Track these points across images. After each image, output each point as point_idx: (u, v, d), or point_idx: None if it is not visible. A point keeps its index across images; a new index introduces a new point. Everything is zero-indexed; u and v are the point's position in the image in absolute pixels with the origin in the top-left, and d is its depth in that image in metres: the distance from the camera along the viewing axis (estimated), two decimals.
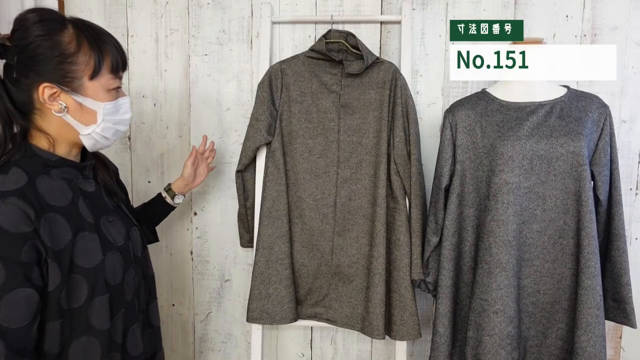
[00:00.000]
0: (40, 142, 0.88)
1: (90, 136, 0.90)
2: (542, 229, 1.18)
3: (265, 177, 1.47)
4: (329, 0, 1.55)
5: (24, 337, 0.76)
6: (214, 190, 1.63)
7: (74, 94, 0.85)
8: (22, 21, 0.83)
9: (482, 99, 1.27)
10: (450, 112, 1.28)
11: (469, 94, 1.53)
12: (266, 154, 1.48)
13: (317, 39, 1.52)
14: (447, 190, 1.29)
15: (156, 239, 1.41)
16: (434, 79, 1.55)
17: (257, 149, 1.46)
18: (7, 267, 0.75)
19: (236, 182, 1.52)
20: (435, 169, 1.32)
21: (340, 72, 1.47)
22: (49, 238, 0.79)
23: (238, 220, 1.58)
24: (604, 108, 1.21)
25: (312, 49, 1.47)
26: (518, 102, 1.22)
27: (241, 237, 1.59)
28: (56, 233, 0.81)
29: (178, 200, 1.37)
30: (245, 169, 1.50)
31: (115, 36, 0.93)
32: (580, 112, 1.19)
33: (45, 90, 0.83)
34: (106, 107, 0.89)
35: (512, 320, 1.16)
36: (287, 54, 1.56)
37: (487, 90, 1.29)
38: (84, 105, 0.87)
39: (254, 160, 1.49)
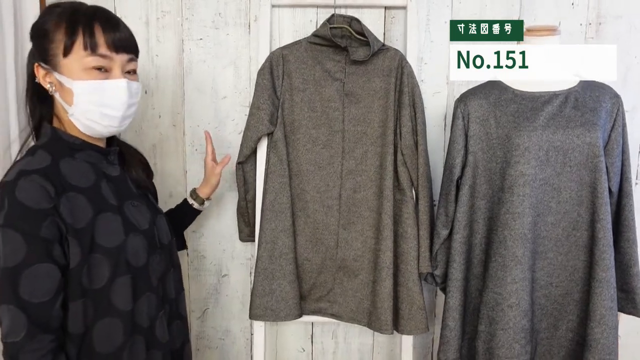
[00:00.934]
0: (63, 126, 0.91)
1: (75, 117, 0.89)
2: (557, 221, 1.16)
3: (267, 169, 1.40)
4: None
5: (46, 313, 0.78)
6: None
7: (55, 72, 0.87)
8: None
9: (494, 87, 1.23)
10: (462, 101, 1.25)
11: (474, 82, 1.51)
12: (268, 145, 1.41)
13: (318, 24, 1.45)
14: (458, 181, 1.26)
15: (184, 246, 1.37)
16: (439, 67, 1.51)
17: (259, 139, 1.40)
18: (27, 241, 0.77)
19: (236, 174, 1.45)
20: (446, 160, 1.28)
21: (344, 59, 1.41)
22: (69, 215, 0.81)
23: (237, 214, 1.51)
24: (616, 98, 1.20)
25: (315, 35, 1.40)
26: (532, 92, 1.19)
27: (240, 231, 1.52)
28: (77, 211, 0.82)
29: (207, 204, 1.35)
30: (246, 161, 1.43)
31: None
32: (594, 102, 1.17)
33: (39, 70, 0.88)
34: (79, 86, 0.86)
35: (527, 314, 1.15)
36: (287, 39, 1.49)
37: (498, 78, 1.26)
38: (62, 84, 0.87)
39: (254, 151, 1.42)
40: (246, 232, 1.51)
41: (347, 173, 1.42)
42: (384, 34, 1.50)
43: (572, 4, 1.48)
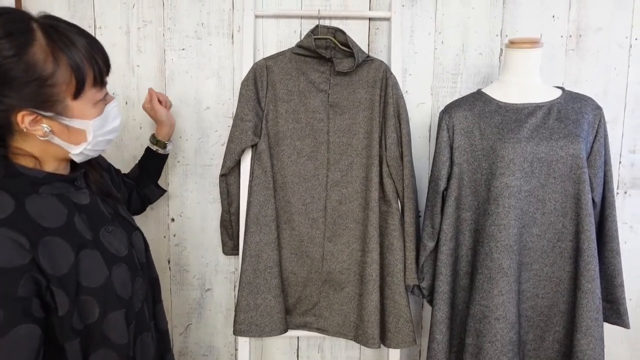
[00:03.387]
0: (24, 160, 0.78)
1: (82, 153, 0.82)
2: (542, 232, 1.16)
3: (251, 181, 1.38)
4: None
5: None
6: (193, 194, 1.52)
7: (58, 117, 0.75)
8: None
9: (479, 99, 1.24)
10: (447, 113, 1.24)
11: (458, 93, 1.51)
12: (252, 157, 1.39)
13: (303, 35, 1.45)
14: (444, 193, 1.25)
15: (163, 191, 1.39)
16: (423, 78, 1.51)
17: (243, 151, 1.37)
18: (4, 306, 0.68)
19: (220, 187, 1.42)
20: (432, 171, 1.28)
21: (329, 70, 1.40)
22: (49, 265, 0.72)
23: (221, 227, 1.48)
24: (598, 110, 1.21)
25: (299, 45, 1.39)
26: (516, 104, 1.20)
27: (224, 245, 1.49)
28: (56, 257, 0.74)
29: (170, 147, 1.36)
30: (229, 173, 1.40)
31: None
32: (576, 113, 1.18)
33: (24, 118, 0.73)
34: (95, 124, 0.80)
35: (514, 326, 1.14)
36: (271, 50, 1.48)
37: (483, 90, 1.26)
38: (71, 126, 0.77)
39: (238, 163, 1.40)
40: (230, 246, 1.48)
41: (333, 185, 1.40)
42: (369, 45, 1.49)
43: (553, 16, 1.50)
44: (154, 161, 1.34)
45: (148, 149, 1.34)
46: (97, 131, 0.80)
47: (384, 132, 1.38)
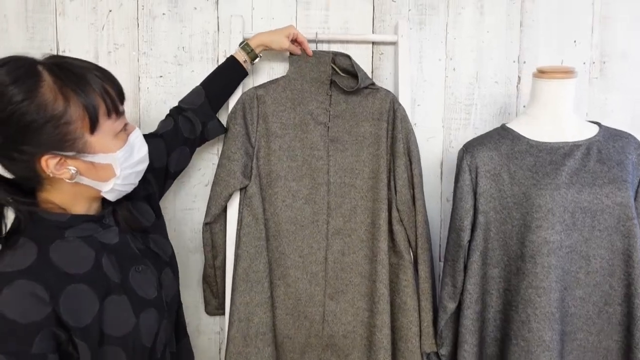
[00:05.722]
0: (50, 206, 0.76)
1: (113, 189, 0.79)
2: (586, 295, 0.99)
3: (239, 230, 1.18)
4: (312, 15, 1.31)
5: None
6: (172, 243, 1.31)
7: (81, 155, 0.73)
8: None
9: (505, 137, 1.07)
10: (469, 152, 1.07)
11: (471, 126, 1.35)
12: (240, 201, 1.20)
13: None
14: (467, 246, 1.07)
15: (224, 128, 1.21)
16: (434, 109, 1.34)
17: (230, 195, 1.18)
18: None
19: (203, 237, 1.21)
20: (452, 220, 1.10)
21: (329, 99, 1.23)
22: (71, 316, 0.70)
23: (203, 283, 1.27)
24: None
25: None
26: (549, 142, 1.03)
27: (207, 303, 1.28)
28: (80, 308, 0.71)
29: (257, 61, 1.22)
30: (215, 220, 1.20)
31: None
32: (619, 154, 1.02)
33: (48, 163, 0.71)
34: (120, 156, 0.76)
35: None
36: (262, 78, 1.30)
37: (508, 126, 1.10)
38: (96, 162, 0.75)
39: (225, 209, 1.20)
40: (214, 305, 1.27)
41: (334, 233, 1.21)
42: (372, 72, 1.33)
43: (575, 41, 1.35)
44: (232, 76, 1.18)
45: (231, 59, 1.17)
46: (124, 163, 0.77)
47: (392, 172, 1.21)
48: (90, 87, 0.72)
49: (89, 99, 0.71)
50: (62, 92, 0.70)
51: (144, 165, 0.84)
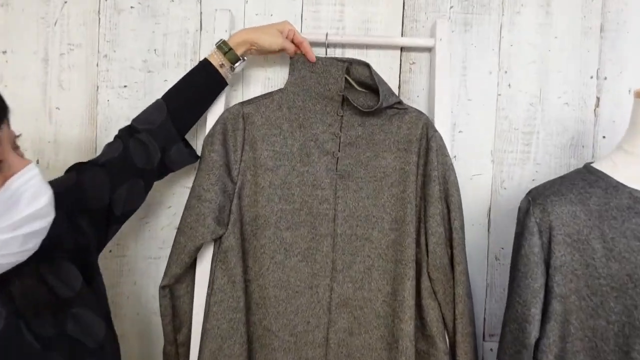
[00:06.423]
0: None
1: None
2: None
3: (210, 297, 0.86)
4: (322, 10, 1.01)
5: None
6: (131, 302, 1.01)
7: None
8: None
9: (593, 184, 0.73)
10: (539, 205, 0.73)
11: (532, 161, 1.01)
12: (213, 257, 0.88)
13: None
14: (534, 345, 0.72)
15: (196, 156, 0.91)
16: (481, 138, 1.01)
17: (198, 249, 0.86)
18: None
19: (160, 303, 0.89)
20: (511, 305, 0.75)
21: (339, 120, 0.91)
22: None
23: None
24: None
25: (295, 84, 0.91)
26: None
27: None
28: None
29: (239, 68, 0.91)
30: (177, 282, 0.89)
31: None
32: None
33: None
34: None
35: None
36: (256, 89, 1.00)
37: (595, 167, 0.76)
38: None
39: (192, 266, 0.89)
40: None
41: (340, 304, 0.88)
42: (399, 87, 1.01)
43: None
44: (204, 86, 0.87)
45: (204, 64, 0.87)
46: None
47: (424, 223, 0.88)
48: None
49: None
50: None
51: (43, 223, 0.57)
